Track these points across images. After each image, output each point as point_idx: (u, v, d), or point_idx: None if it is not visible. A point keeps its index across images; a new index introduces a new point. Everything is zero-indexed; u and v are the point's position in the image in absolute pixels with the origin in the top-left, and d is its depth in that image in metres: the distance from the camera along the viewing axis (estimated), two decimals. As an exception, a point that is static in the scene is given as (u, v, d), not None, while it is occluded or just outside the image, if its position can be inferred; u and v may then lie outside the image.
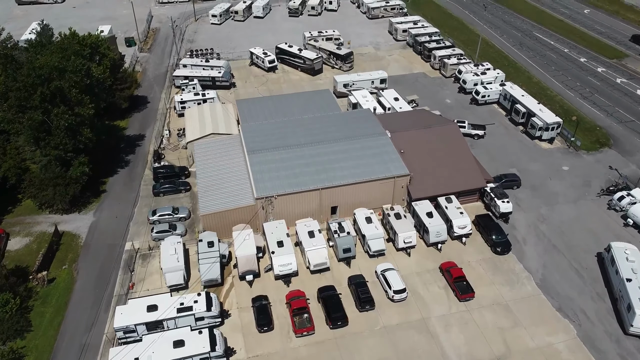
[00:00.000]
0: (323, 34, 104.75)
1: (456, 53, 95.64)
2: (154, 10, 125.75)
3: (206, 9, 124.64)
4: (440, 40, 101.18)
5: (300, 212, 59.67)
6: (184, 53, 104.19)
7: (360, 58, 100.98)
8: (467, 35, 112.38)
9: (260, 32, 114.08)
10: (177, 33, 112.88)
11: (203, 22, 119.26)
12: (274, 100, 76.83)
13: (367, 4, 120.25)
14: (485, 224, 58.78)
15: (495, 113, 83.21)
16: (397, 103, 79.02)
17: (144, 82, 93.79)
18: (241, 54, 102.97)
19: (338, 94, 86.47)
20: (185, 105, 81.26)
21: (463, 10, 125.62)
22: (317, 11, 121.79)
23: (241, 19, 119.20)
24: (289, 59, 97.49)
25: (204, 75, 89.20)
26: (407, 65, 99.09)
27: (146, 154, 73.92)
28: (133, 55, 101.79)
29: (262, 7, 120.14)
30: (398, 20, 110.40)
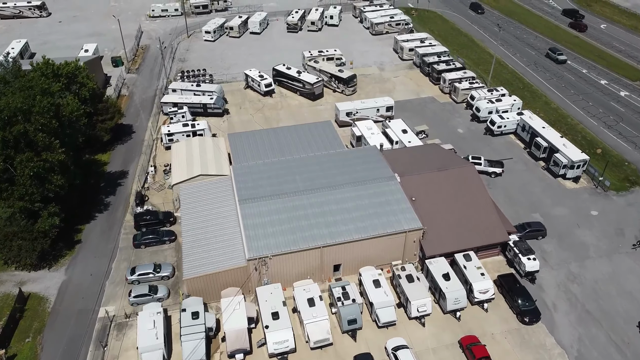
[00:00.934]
0: (324, 54, 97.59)
1: (468, 76, 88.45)
2: (144, 26, 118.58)
3: (199, 24, 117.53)
4: (450, 61, 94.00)
5: (299, 271, 52.51)
6: (175, 74, 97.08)
7: (364, 80, 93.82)
8: (477, 53, 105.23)
9: (257, 50, 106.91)
10: (168, 51, 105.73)
11: (196, 39, 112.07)
12: (270, 134, 69.60)
13: (370, 20, 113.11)
14: (509, 286, 51.58)
15: (512, 145, 76.01)
16: (405, 136, 71.83)
17: (130, 108, 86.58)
18: (236, 76, 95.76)
19: (340, 123, 79.41)
20: (173, 138, 74.15)
21: (472, 26, 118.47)
22: (318, 27, 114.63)
23: (236, 35, 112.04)
24: (287, 82, 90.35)
25: (194, 102, 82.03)
26: (415, 88, 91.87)
27: (128, 195, 66.70)
28: (119, 77, 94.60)
29: (259, 22, 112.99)
30: (404, 38, 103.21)
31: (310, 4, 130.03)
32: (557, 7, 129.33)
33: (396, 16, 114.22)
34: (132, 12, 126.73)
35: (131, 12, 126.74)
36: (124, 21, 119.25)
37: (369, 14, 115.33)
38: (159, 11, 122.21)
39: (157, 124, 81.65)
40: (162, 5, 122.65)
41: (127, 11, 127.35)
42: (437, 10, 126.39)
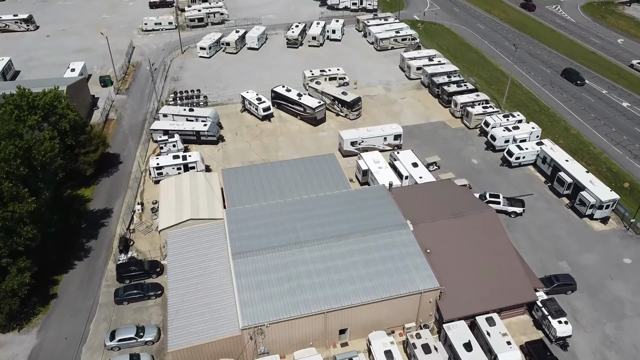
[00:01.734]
0: (326, 73, 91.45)
1: (481, 99, 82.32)
2: (136, 40, 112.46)
3: (194, 38, 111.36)
4: (461, 82, 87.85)
5: (300, 338, 46.36)
6: (168, 95, 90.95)
7: (369, 102, 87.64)
8: (489, 71, 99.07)
9: (255, 67, 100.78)
10: (161, 69, 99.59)
11: (190, 55, 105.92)
12: (267, 170, 63.39)
13: (374, 34, 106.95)
14: (539, 355, 45.41)
15: (532, 179, 69.84)
16: (415, 170, 65.68)
17: (117, 134, 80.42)
18: (232, 97, 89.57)
19: (345, 153, 73.33)
20: (163, 171, 68.02)
21: (482, 40, 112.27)
22: (319, 42, 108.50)
23: (233, 51, 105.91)
24: (286, 106, 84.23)
25: (187, 130, 75.88)
26: (423, 111, 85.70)
27: (112, 238, 60.56)
28: (108, 98, 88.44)
29: (257, 37, 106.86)
30: (411, 56, 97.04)
31: (312, 16, 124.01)
32: (570, 20, 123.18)
33: (402, 31, 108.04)
34: (124, 25, 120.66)
35: (123, 25, 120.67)
36: (115, 35, 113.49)
37: (373, 28, 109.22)
38: (152, 25, 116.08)
39: (146, 154, 75.48)
40: (155, 19, 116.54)
41: (119, 24, 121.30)
42: (445, 24, 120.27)
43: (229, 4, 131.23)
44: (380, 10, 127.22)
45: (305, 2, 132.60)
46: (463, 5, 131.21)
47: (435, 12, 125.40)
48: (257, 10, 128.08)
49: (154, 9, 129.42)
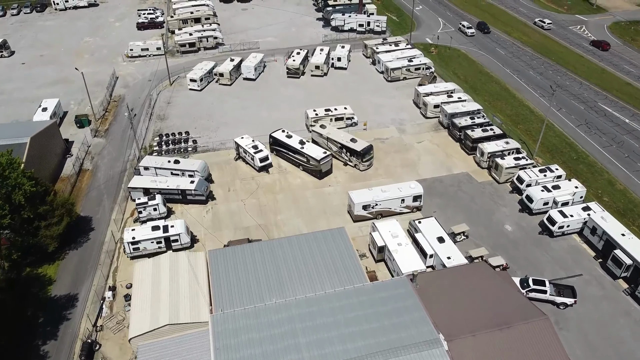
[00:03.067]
0: (331, 113, 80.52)
1: (511, 147, 71.40)
2: (120, 69, 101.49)
3: (184, 66, 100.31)
4: (486, 125, 76.99)
5: None
6: (152, 138, 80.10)
7: (381, 147, 76.77)
8: (514, 107, 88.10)
9: (251, 102, 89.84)
10: (146, 105, 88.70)
11: (180, 87, 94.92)
12: (264, 252, 52.37)
13: (385, 63, 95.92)
14: None
15: (578, 252, 58.88)
16: (442, 247, 54.83)
17: (91, 190, 69.51)
18: (225, 140, 78.69)
19: (355, 218, 62.44)
20: (140, 246, 57.16)
21: (504, 69, 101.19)
22: (323, 71, 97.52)
23: (227, 82, 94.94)
24: (287, 154, 73.38)
25: (171, 188, 64.99)
26: (444, 159, 74.72)
27: (73, 339, 49.65)
28: (83, 143, 77.63)
29: (254, 67, 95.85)
30: (426, 90, 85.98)
31: (314, 39, 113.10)
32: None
33: (415, 59, 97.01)
34: (107, 50, 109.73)
35: (107, 50, 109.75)
36: (97, 63, 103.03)
37: (383, 56, 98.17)
38: (138, 50, 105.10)
39: (123, 217, 64.57)
40: (141, 44, 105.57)
41: (102, 49, 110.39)
42: (461, 48, 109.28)
43: (224, 26, 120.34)
44: (389, 32, 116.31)
45: (307, 24, 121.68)
46: (479, 27, 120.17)
47: (450, 35, 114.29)
48: (255, 33, 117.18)
49: (141, 31, 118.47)
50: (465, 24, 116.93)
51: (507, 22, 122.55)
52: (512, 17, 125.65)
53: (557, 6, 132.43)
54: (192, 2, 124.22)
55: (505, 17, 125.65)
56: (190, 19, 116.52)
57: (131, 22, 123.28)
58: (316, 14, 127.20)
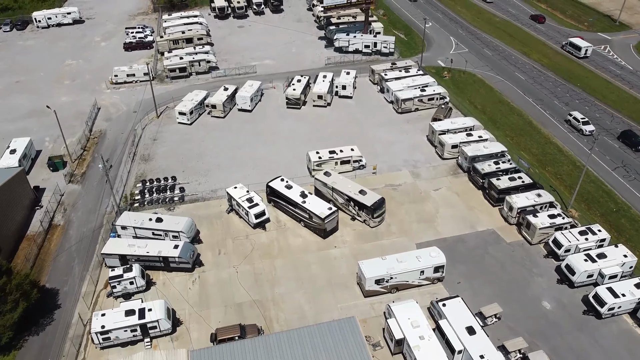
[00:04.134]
0: (336, 156, 71.31)
1: (544, 202, 62.16)
2: (103, 97, 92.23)
3: (172, 96, 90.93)
4: (513, 171, 67.85)
5: None
6: (134, 184, 70.91)
7: (393, 196, 67.59)
8: (540, 144, 78.83)
9: (247, 139, 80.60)
10: (129, 140, 79.46)
11: (168, 120, 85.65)
12: (257, 351, 43.21)
13: (395, 93, 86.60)
14: None
15: (633, 340, 49.62)
16: (473, 341, 45.55)
17: (60, 252, 60.28)
18: (216, 188, 69.68)
19: (367, 293, 53.27)
20: (111, 336, 47.91)
21: (525, 97, 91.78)
22: (326, 101, 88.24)
23: (220, 115, 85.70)
24: (286, 207, 64.21)
25: (151, 255, 55.77)
26: (465, 212, 65.44)
27: None
28: (55, 191, 68.45)
29: (250, 97, 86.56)
30: (443, 127, 76.68)
31: (316, 62, 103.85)
32: (626, 66, 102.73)
33: (428, 87, 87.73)
34: (90, 74, 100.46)
35: (90, 75, 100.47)
36: (77, 91, 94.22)
37: (392, 84, 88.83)
38: (123, 76, 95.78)
39: (95, 291, 55.35)
40: (127, 69, 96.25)
41: (85, 73, 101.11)
42: (477, 72, 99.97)
43: (218, 45, 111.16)
44: (397, 52, 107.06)
45: (308, 44, 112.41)
46: (495, 47, 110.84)
47: (464, 56, 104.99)
48: (252, 54, 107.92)
49: (129, 52, 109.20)
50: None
51: (524, 41, 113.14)
52: (529, 35, 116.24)
53: (577, 23, 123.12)
54: (183, 20, 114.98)
55: (521, 35, 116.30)
56: (182, 40, 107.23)
57: (118, 41, 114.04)
58: (318, 32, 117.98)
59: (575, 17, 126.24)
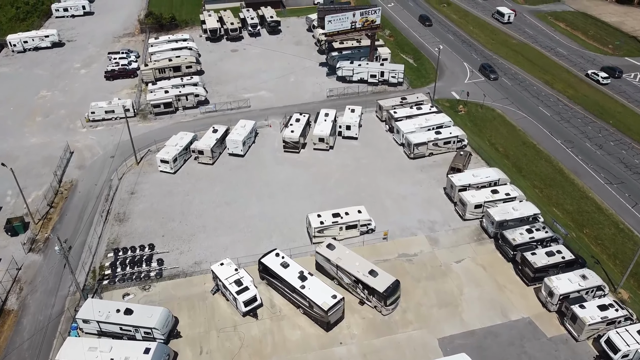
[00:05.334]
0: (341, 220, 61.06)
1: (591, 286, 51.91)
2: (77, 138, 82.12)
3: (156, 136, 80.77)
4: (549, 241, 57.70)
5: None
6: (104, 255, 60.72)
7: (408, 270, 57.43)
8: (574, 199, 68.48)
9: (237, 191, 70.44)
10: (103, 196, 69.28)
11: (149, 168, 75.47)
12: None
13: (406, 136, 76.35)
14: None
15: None
16: None
17: (9, 353, 49.99)
18: (200, 259, 59.55)
19: (380, 417, 42.91)
20: None
21: (553, 138, 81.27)
22: (328, 144, 78.05)
23: (209, 161, 75.53)
24: (282, 289, 54.01)
25: (115, 363, 45.58)
26: (495, 293, 55.17)
27: None
28: (11, 263, 58.30)
29: (243, 140, 76.39)
30: (463, 182, 66.36)
31: (316, 94, 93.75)
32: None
33: (444, 129, 77.54)
34: (66, 109, 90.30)
35: (65, 109, 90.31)
36: (50, 129, 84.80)
37: (403, 124, 78.66)
38: (101, 113, 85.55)
39: (46, 410, 45.18)
40: (106, 105, 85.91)
41: (60, 108, 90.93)
42: (496, 106, 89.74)
43: (209, 73, 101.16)
44: (407, 82, 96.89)
45: (308, 71, 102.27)
46: (515, 75, 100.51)
47: (481, 87, 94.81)
48: (246, 83, 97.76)
49: (110, 81, 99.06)
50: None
51: (546, 67, 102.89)
52: (551, 61, 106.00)
53: (601, 45, 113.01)
54: (171, 45, 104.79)
55: (542, 60, 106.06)
56: (169, 68, 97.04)
57: (100, 68, 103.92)
58: (319, 56, 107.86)
59: (598, 38, 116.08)
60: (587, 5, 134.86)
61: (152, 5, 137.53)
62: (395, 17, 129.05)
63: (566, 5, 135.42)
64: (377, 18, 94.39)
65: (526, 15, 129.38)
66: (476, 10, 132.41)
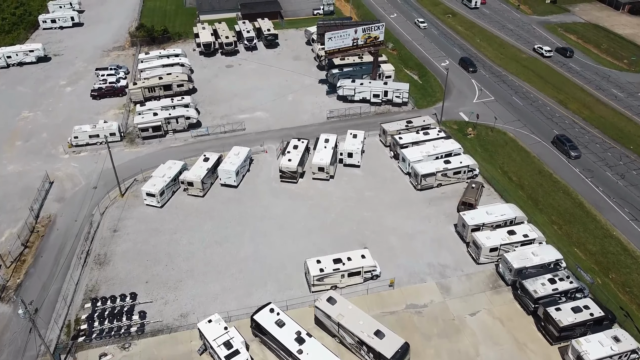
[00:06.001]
0: (343, 268, 55.24)
1: (626, 350, 46.10)
2: (59, 165, 76.43)
3: (143, 164, 75.05)
4: (575, 292, 51.96)
5: None
6: (81, 305, 54.93)
7: (417, 324, 51.68)
8: (597, 238, 62.65)
9: (230, 228, 64.72)
10: (83, 233, 63.50)
11: (134, 200, 69.70)
12: None
13: (413, 166, 70.60)
14: None
15: None
16: None
17: None
18: (187, 311, 53.74)
19: None
20: None
21: (571, 167, 75.67)
22: (328, 173, 72.29)
23: (199, 194, 69.77)
24: (277, 351, 48.22)
25: None
26: (514, 353, 49.30)
27: None
28: (-22, 317, 52.57)
29: (236, 170, 70.64)
30: (477, 221, 60.42)
31: (316, 115, 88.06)
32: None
33: (453, 157, 71.79)
34: (48, 132, 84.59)
35: (47, 132, 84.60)
36: (30, 156, 79.89)
37: (408, 152, 72.90)
38: (85, 137, 79.79)
39: None
40: (90, 129, 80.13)
41: (42, 130, 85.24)
42: (507, 129, 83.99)
43: (202, 91, 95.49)
44: (412, 102, 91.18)
45: (307, 89, 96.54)
46: (526, 94, 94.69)
47: (491, 107, 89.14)
48: (240, 102, 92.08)
49: (97, 100, 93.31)
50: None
51: (559, 85, 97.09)
52: (563, 77, 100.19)
53: (615, 60, 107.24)
54: (162, 61, 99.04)
55: (554, 77, 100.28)
56: (159, 87, 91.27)
57: (87, 84, 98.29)
58: (318, 72, 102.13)
59: (612, 52, 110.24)
60: (598, 16, 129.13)
61: (144, 15, 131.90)
62: (398, 28, 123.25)
63: (576, 16, 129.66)
64: (381, 34, 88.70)
65: (535, 27, 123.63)
66: (483, 22, 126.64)
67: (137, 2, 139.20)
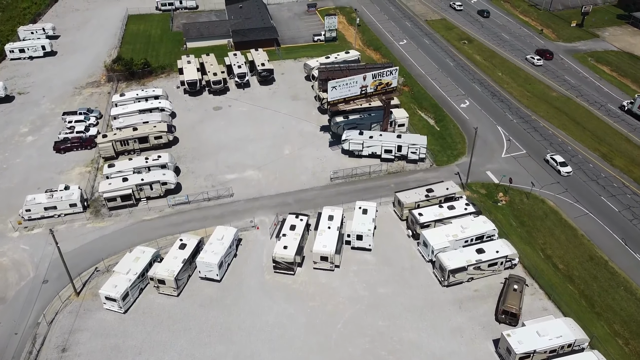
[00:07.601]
0: None
1: None
2: (5, 248, 62.70)
3: (107, 248, 61.51)
4: None
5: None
6: None
7: None
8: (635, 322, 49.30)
9: (208, 348, 51.16)
10: (24, 355, 49.84)
11: (93, 301, 55.99)
12: None
13: (438, 257, 56.86)
14: None
15: None
16: None
17: None
18: None
19: None
20: None
21: (628, 251, 62.02)
22: (332, 263, 58.57)
23: (172, 293, 56.09)
24: None
25: None
26: None
27: None
28: None
29: (219, 262, 56.94)
30: (526, 347, 46.85)
31: (317, 175, 74.45)
32: None
33: (488, 244, 58.10)
34: None
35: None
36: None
37: (431, 235, 59.18)
38: (39, 210, 66.10)
39: None
40: (46, 199, 66.16)
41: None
42: (546, 196, 70.19)
43: (184, 141, 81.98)
44: (430, 157, 77.62)
45: (307, 138, 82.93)
46: (563, 146, 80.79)
47: (524, 165, 75.65)
48: (228, 158, 78.50)
49: (61, 154, 79.75)
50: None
51: (599, 134, 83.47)
52: (604, 124, 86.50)
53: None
54: (139, 105, 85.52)
55: (593, 122, 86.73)
56: (133, 139, 77.78)
57: (52, 132, 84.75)
58: (320, 116, 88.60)
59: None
60: (632, 43, 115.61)
61: (126, 41, 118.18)
62: (408, 59, 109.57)
63: (607, 43, 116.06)
64: (394, 80, 75.17)
65: (563, 56, 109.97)
66: (503, 50, 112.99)
67: (119, 27, 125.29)
